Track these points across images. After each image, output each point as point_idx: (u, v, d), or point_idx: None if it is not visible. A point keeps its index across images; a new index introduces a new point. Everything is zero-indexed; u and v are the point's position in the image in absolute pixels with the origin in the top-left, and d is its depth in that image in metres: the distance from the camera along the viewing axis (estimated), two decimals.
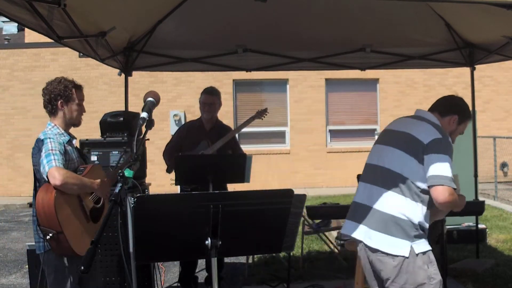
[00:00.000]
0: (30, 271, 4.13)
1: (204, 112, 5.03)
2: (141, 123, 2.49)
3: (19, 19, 3.20)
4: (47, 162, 2.97)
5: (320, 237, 6.47)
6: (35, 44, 13.96)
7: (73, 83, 3.34)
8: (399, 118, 3.21)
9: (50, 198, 2.90)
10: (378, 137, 3.18)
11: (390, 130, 3.10)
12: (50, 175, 2.92)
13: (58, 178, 2.90)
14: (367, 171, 3.05)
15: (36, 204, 2.97)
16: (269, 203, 2.32)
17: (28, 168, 15.00)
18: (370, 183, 2.94)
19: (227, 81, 13.79)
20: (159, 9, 5.08)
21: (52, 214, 2.87)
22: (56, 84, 3.28)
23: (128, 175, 2.26)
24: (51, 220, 2.88)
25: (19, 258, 7.02)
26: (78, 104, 3.33)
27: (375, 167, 2.98)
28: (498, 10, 3.26)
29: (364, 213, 2.87)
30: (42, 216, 2.92)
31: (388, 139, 3.03)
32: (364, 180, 3.03)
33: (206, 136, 4.99)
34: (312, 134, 14.24)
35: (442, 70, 13.60)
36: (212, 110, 5.01)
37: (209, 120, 5.05)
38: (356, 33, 5.60)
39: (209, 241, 2.25)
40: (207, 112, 5.01)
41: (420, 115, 3.12)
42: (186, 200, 2.31)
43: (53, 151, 3.05)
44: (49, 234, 2.89)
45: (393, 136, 3.01)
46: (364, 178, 3.04)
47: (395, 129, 3.06)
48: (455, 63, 6.20)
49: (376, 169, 2.96)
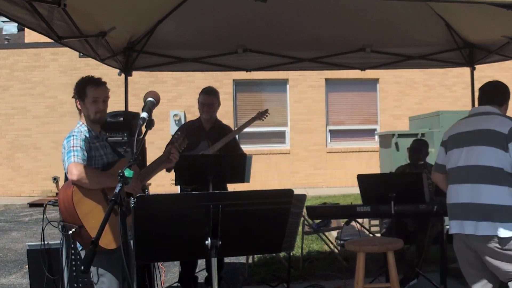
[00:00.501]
0: (30, 271, 4.13)
1: (203, 113, 5.03)
2: (141, 123, 2.49)
3: (19, 19, 3.20)
4: (67, 158, 3.06)
5: (320, 237, 6.47)
6: (35, 44, 13.97)
7: (88, 80, 3.29)
8: (463, 120, 3.44)
9: (69, 193, 2.95)
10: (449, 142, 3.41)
11: (464, 132, 3.33)
12: (68, 171, 3.00)
13: (74, 174, 2.96)
14: (458, 173, 3.27)
15: (58, 200, 3.03)
16: (269, 203, 2.32)
17: (28, 168, 15.13)
18: (470, 183, 3.17)
19: (227, 81, 13.79)
20: (159, 9, 5.08)
21: (71, 209, 2.92)
22: (77, 82, 3.29)
23: (128, 175, 2.26)
24: (71, 215, 2.94)
25: (19, 258, 7.02)
26: (93, 101, 3.26)
27: (466, 168, 3.21)
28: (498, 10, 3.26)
29: (474, 208, 3.11)
30: (64, 212, 2.99)
31: (467, 140, 3.27)
32: (458, 182, 3.25)
33: (205, 136, 4.98)
34: (312, 134, 14.25)
35: (442, 70, 13.61)
36: (211, 110, 5.01)
37: (209, 120, 5.05)
38: (356, 33, 5.59)
39: (209, 241, 2.25)
40: (206, 112, 5.00)
41: (486, 111, 3.34)
42: (186, 200, 2.31)
43: (74, 147, 3.11)
44: (72, 229, 2.93)
45: (471, 136, 3.25)
46: (456, 180, 3.27)
47: (469, 130, 3.29)
48: (455, 63, 6.20)
49: (468, 169, 3.20)
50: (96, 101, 3.27)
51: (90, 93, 3.25)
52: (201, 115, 5.07)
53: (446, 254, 4.79)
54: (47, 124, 13.91)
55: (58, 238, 4.09)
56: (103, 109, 3.31)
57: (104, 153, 3.30)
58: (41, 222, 4.01)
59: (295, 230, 4.57)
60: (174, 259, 2.52)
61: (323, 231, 6.26)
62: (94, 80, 3.29)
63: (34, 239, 7.96)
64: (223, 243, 2.27)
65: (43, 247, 4.03)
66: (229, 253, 2.53)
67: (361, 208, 4.80)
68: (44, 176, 13.91)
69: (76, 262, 3.94)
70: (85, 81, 3.28)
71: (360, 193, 4.81)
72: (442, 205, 4.48)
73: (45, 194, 13.71)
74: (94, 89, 3.27)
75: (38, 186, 13.97)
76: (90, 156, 3.18)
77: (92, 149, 3.22)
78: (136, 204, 2.15)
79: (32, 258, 4.06)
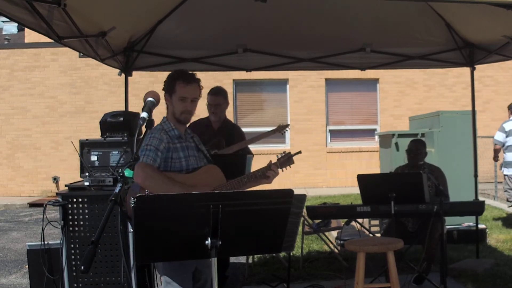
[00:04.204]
0: (30, 271, 4.13)
1: (211, 114, 4.99)
2: (141, 123, 2.49)
3: (19, 19, 3.20)
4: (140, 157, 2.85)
5: (320, 237, 6.47)
6: (35, 44, 13.96)
7: (179, 75, 3.02)
8: None
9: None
10: None
11: None
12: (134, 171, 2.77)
13: (140, 175, 2.78)
14: None
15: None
16: (269, 203, 2.32)
17: (28, 168, 15.11)
18: None
19: (227, 81, 13.78)
20: (159, 9, 5.08)
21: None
22: (168, 75, 3.05)
23: (128, 175, 2.26)
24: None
25: (19, 258, 7.01)
26: (180, 99, 2.99)
27: None
28: (498, 10, 3.27)
29: None
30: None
31: None
32: None
33: (214, 135, 4.95)
34: (312, 134, 14.24)
35: (442, 70, 13.60)
36: (218, 111, 4.98)
37: (217, 120, 5.03)
38: (356, 33, 5.60)
39: (209, 241, 2.25)
40: (213, 114, 4.97)
41: None
42: (186, 200, 2.31)
43: (148, 146, 2.89)
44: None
45: None
46: None
47: None
48: (455, 63, 6.20)
49: None
50: (184, 100, 3.00)
51: (179, 90, 3.00)
52: (209, 115, 5.04)
53: (446, 254, 4.79)
54: (47, 124, 13.91)
55: (58, 238, 4.09)
56: (190, 109, 3.05)
57: (184, 156, 3.02)
58: (41, 222, 4.01)
59: (295, 230, 4.56)
60: (174, 259, 2.51)
61: (323, 231, 6.26)
62: (186, 76, 3.01)
63: (34, 239, 7.96)
64: (223, 243, 2.27)
65: (43, 247, 4.03)
66: (229, 253, 2.53)
67: (361, 208, 4.80)
68: (44, 176, 13.90)
69: (76, 262, 3.94)
70: (175, 76, 3.02)
71: (360, 193, 4.81)
72: (442, 205, 4.48)
73: (45, 194, 13.71)
74: (183, 86, 3.00)
75: (38, 186, 13.96)
76: (167, 157, 2.93)
77: (170, 150, 2.96)
78: (136, 204, 2.15)
79: (32, 258, 4.06)
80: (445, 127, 7.21)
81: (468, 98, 6.39)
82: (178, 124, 3.07)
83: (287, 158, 3.25)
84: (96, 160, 4.40)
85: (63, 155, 13.68)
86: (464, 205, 4.93)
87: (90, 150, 4.46)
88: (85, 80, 14.06)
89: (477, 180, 6.33)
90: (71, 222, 3.94)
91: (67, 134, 13.53)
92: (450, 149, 7.10)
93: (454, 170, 6.47)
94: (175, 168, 2.95)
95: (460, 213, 5.15)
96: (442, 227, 4.66)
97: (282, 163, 3.21)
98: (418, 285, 4.90)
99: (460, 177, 6.66)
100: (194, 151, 3.11)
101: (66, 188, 4.23)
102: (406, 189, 4.52)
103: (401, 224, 4.99)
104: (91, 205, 3.91)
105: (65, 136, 13.53)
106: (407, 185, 4.58)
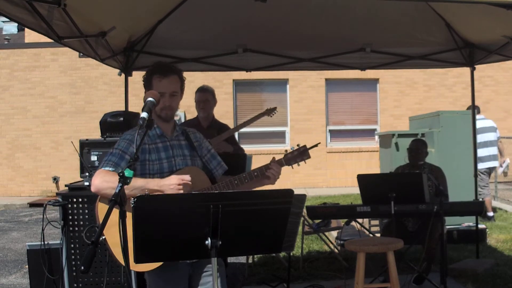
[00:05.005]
0: (30, 271, 4.13)
1: (199, 111, 5.13)
2: (141, 123, 2.48)
3: (19, 19, 3.21)
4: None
5: (320, 237, 6.47)
6: (35, 44, 13.96)
7: (154, 69, 2.75)
8: None
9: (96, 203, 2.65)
10: None
11: None
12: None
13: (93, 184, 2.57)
14: None
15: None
16: (269, 203, 2.31)
17: (28, 168, 15.12)
18: None
19: (227, 81, 13.78)
20: (159, 9, 5.08)
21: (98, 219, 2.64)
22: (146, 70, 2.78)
23: (128, 175, 2.26)
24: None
25: (19, 258, 7.01)
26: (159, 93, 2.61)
27: None
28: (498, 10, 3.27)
29: None
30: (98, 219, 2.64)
31: None
32: None
33: (204, 134, 4.99)
34: (312, 134, 14.23)
35: (442, 70, 13.60)
36: (207, 107, 5.09)
37: (206, 118, 5.13)
38: (356, 33, 5.60)
39: (209, 241, 2.25)
40: (202, 110, 5.10)
41: None
42: (186, 200, 2.31)
43: (113, 150, 2.67)
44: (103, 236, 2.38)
45: None
46: None
47: None
48: (455, 63, 6.20)
49: None
50: (162, 95, 2.64)
51: (156, 84, 2.72)
52: (198, 113, 5.17)
53: (446, 254, 4.79)
54: (47, 124, 13.91)
55: (58, 238, 4.09)
56: (169, 105, 2.75)
57: (166, 156, 2.74)
58: (41, 222, 4.01)
59: (295, 230, 4.56)
60: (173, 259, 2.50)
61: (323, 231, 6.26)
62: (162, 70, 2.74)
63: (34, 239, 7.95)
64: (223, 243, 2.27)
65: (43, 247, 4.03)
66: (229, 253, 2.52)
67: (361, 208, 4.80)
68: (44, 176, 13.90)
69: (76, 262, 3.94)
70: (152, 70, 2.76)
71: (360, 193, 4.81)
72: (442, 205, 4.48)
73: (45, 194, 13.71)
74: (159, 81, 2.73)
75: (38, 186, 13.96)
76: (143, 159, 2.66)
77: (149, 150, 2.70)
78: (136, 204, 2.14)
79: (32, 258, 4.06)
80: (445, 127, 7.21)
81: (468, 98, 6.39)
82: (161, 122, 2.81)
83: (300, 152, 2.94)
84: (96, 160, 4.40)
85: (63, 155, 13.68)
86: (464, 205, 4.93)
87: (90, 150, 4.46)
88: (85, 80, 14.05)
89: (477, 180, 6.33)
90: (71, 222, 3.95)
91: (67, 134, 13.53)
92: (450, 149, 7.10)
93: (454, 170, 6.47)
94: (154, 171, 2.69)
95: (460, 213, 5.16)
96: (442, 227, 4.66)
97: (289, 160, 2.91)
98: (418, 285, 4.90)
99: (460, 177, 6.66)
100: (185, 150, 2.84)
101: (66, 188, 4.23)
102: (406, 189, 4.52)
103: (401, 224, 4.99)
104: (91, 205, 3.91)
105: (65, 136, 13.53)
106: (407, 185, 4.58)
